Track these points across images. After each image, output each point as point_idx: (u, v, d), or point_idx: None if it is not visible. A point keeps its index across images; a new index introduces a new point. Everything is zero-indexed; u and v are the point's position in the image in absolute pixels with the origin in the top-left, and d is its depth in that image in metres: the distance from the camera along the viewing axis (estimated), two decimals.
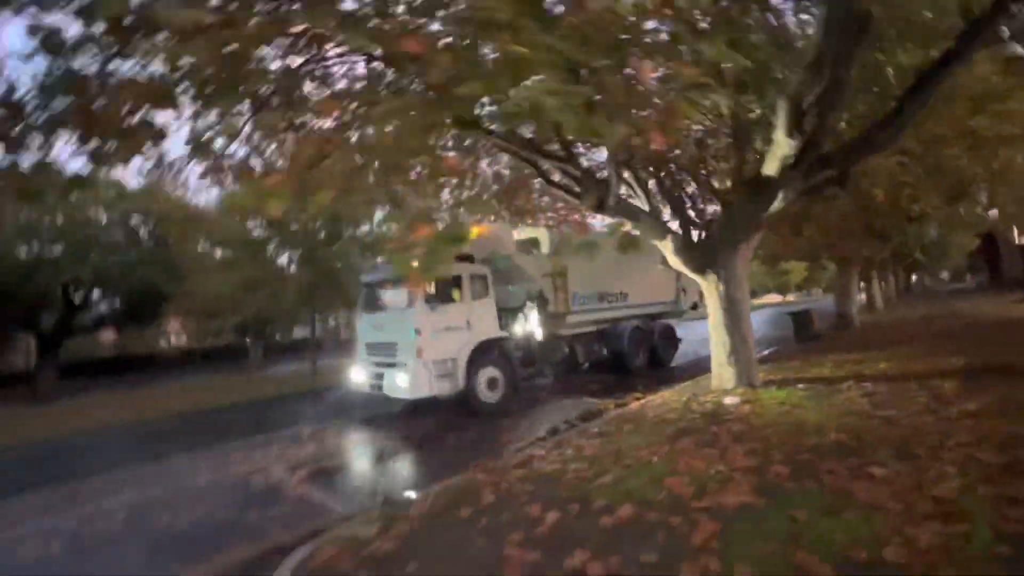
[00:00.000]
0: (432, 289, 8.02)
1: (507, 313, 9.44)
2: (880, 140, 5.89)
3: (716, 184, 9.20)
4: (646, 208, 8.07)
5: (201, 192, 22.07)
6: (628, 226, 7.18)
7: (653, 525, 3.24)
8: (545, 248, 10.40)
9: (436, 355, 7.86)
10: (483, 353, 8.39)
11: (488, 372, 8.41)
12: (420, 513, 3.86)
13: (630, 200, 7.92)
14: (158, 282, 19.12)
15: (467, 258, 9.14)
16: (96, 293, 21.62)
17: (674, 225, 8.45)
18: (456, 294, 8.52)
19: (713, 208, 9.76)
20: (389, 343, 8.40)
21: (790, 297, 51.56)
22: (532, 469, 4.67)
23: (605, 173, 6.86)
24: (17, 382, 21.91)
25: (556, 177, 7.48)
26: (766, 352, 11.07)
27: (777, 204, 6.46)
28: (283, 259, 17.83)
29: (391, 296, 8.97)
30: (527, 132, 6.01)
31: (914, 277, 37.96)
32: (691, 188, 9.78)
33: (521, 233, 10.81)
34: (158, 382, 20.37)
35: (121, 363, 26.70)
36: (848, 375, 7.35)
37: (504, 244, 9.98)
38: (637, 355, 11.18)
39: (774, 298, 48.95)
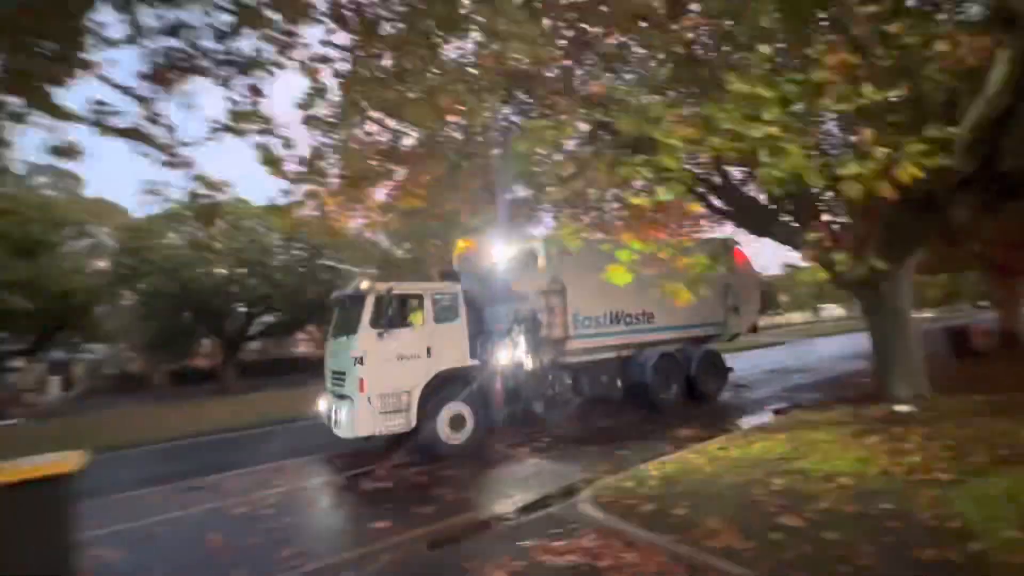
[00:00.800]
0: (374, 311, 6.91)
1: (489, 339, 8.13)
2: None
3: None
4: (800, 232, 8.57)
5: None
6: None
7: (875, 489, 3.99)
8: (542, 262, 8.57)
9: (383, 388, 6.76)
10: (446, 386, 7.25)
11: (452, 408, 7.22)
12: (660, 474, 4.91)
13: (791, 224, 8.43)
14: (311, 296, 22.65)
15: (450, 275, 8.41)
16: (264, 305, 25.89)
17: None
18: (417, 317, 7.37)
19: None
20: (340, 372, 7.34)
21: (926, 313, 46.19)
22: (738, 452, 5.53)
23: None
24: (205, 379, 26.93)
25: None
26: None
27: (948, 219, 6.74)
28: None
29: (346, 317, 7.60)
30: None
31: None
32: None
33: (516, 246, 9.13)
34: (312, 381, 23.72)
35: (280, 364, 31.26)
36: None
37: (493, 258, 8.82)
38: (667, 388, 9.31)
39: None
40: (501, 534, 4.27)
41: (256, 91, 4.69)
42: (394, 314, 7.07)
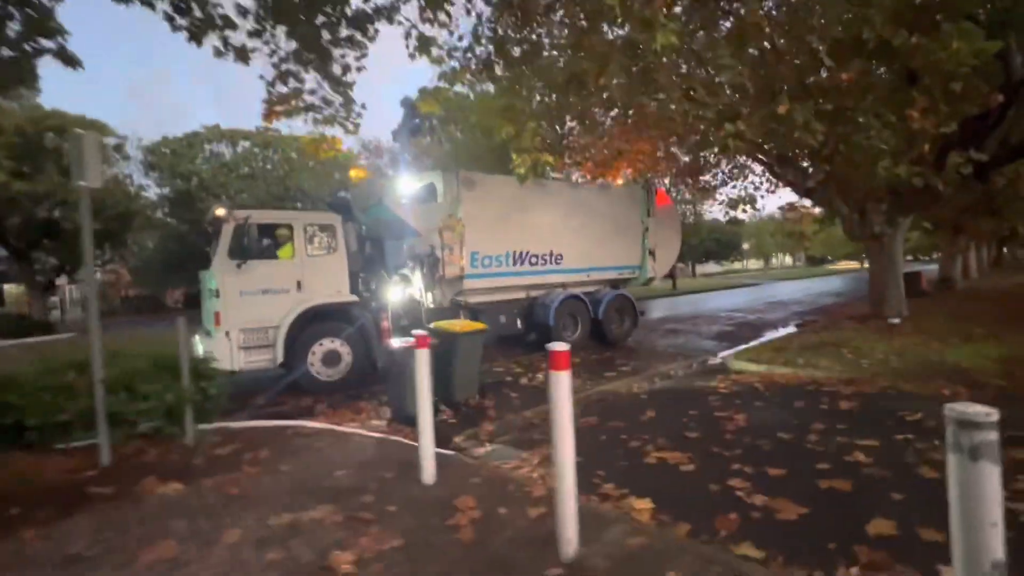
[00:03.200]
0: (232, 241, 6.47)
1: (375, 274, 7.99)
2: None
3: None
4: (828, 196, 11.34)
5: None
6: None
7: (902, 352, 6.99)
8: (441, 196, 8.39)
9: (244, 322, 6.48)
10: (319, 321, 7.02)
11: (326, 345, 7.03)
12: (776, 344, 7.83)
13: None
14: None
15: (339, 205, 8.07)
16: None
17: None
18: (286, 249, 6.96)
19: None
20: (204, 307, 7.17)
21: (866, 263, 52.45)
22: (802, 339, 8.51)
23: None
24: None
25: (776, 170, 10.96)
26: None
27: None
28: None
29: (210, 250, 7.13)
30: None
31: (1005, 250, 38.49)
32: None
33: (415, 180, 8.81)
34: None
35: None
36: (970, 313, 10.71)
37: (391, 191, 8.50)
38: (572, 331, 9.34)
39: (851, 264, 49.92)
40: (694, 375, 7.03)
41: None
42: (254, 244, 6.66)
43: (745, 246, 55.77)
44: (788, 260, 66.21)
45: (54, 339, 17.36)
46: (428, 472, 3.41)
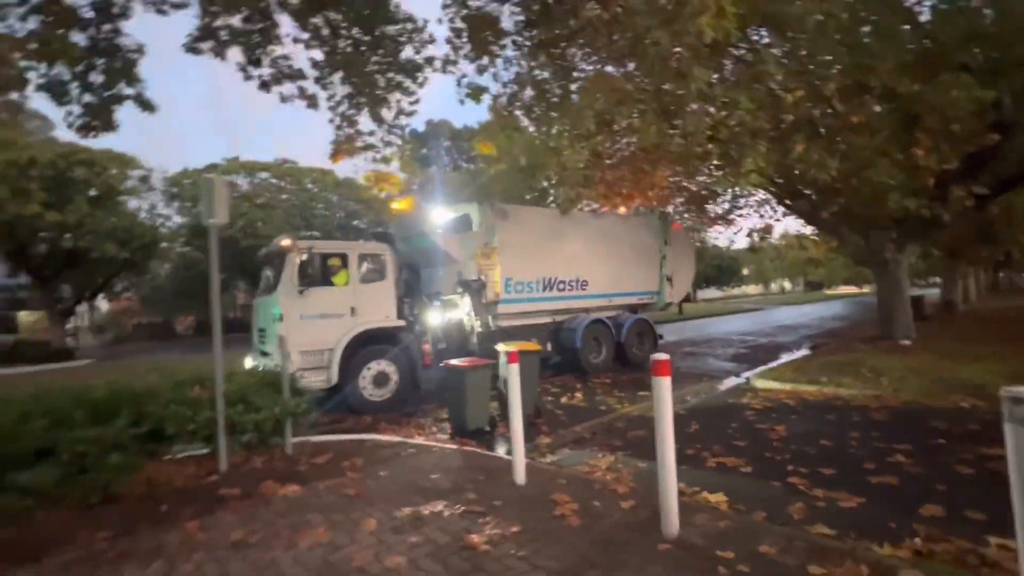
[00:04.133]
0: (298, 270, 7.03)
1: (419, 300, 8.56)
2: None
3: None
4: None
5: None
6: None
7: (920, 370, 7.47)
8: (476, 226, 8.92)
9: (304, 345, 6.86)
10: (370, 344, 7.47)
11: (377, 366, 7.45)
12: (795, 364, 8.29)
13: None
14: None
15: (385, 236, 8.60)
16: None
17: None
18: (341, 277, 7.49)
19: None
20: (263, 329, 7.58)
21: (865, 288, 53.28)
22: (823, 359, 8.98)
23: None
24: (232, 329, 28.77)
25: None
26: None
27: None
28: None
29: (270, 276, 7.76)
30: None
31: (1001, 274, 39.39)
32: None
33: (452, 211, 9.37)
34: None
35: None
36: (975, 335, 11.23)
37: (429, 222, 8.97)
38: (596, 353, 9.84)
39: (850, 289, 50.72)
40: (723, 393, 7.47)
41: None
42: (316, 272, 7.19)
43: (745, 272, 56.72)
44: (787, 285, 67.10)
45: (74, 365, 17.68)
46: (520, 473, 3.83)
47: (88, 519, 3.34)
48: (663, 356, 2.91)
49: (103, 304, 31.45)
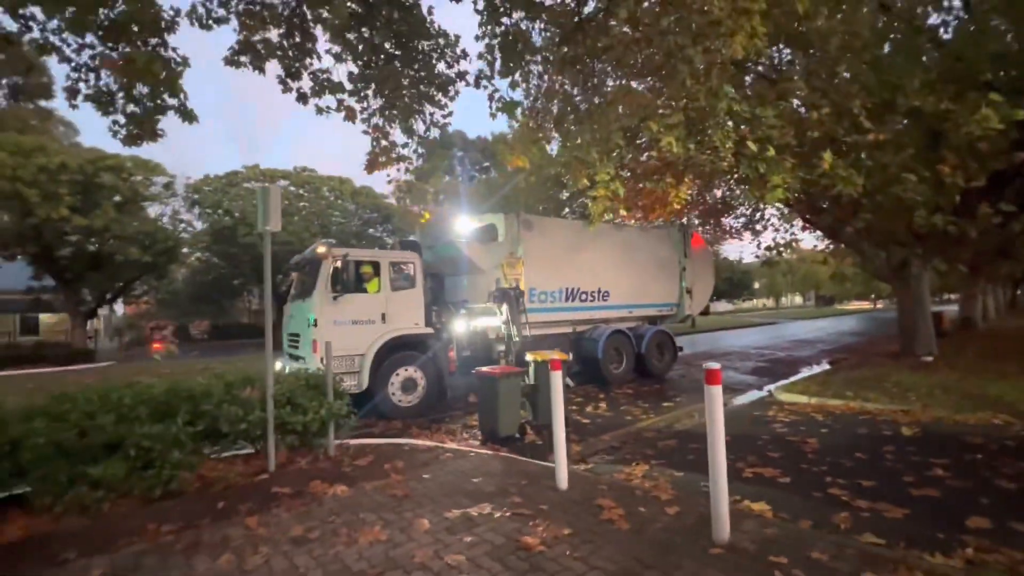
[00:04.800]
0: (333, 276, 7.22)
1: (446, 308, 8.73)
2: None
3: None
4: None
5: None
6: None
7: (947, 387, 7.45)
8: (502, 236, 9.01)
9: (336, 350, 6.65)
10: (400, 350, 7.63)
11: (405, 372, 7.61)
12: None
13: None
14: None
15: (412, 245, 8.78)
16: None
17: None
18: (373, 284, 7.65)
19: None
20: (295, 334, 7.76)
21: (879, 304, 52.79)
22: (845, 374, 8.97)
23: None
24: (245, 334, 28.99)
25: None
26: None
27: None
28: None
29: (304, 282, 7.98)
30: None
31: (1020, 291, 38.91)
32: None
33: (477, 221, 9.40)
34: None
35: None
36: (998, 352, 11.15)
37: (455, 232, 9.03)
38: (617, 364, 9.99)
39: (863, 304, 50.28)
40: (748, 406, 7.50)
41: None
42: (349, 279, 7.33)
43: (756, 285, 56.50)
44: (798, 300, 66.68)
45: (97, 367, 17.98)
46: (562, 479, 3.91)
47: (152, 512, 3.48)
48: (715, 365, 3.00)
49: (119, 308, 31.92)
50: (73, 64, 5.83)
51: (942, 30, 8.48)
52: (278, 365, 7.26)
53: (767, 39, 6.76)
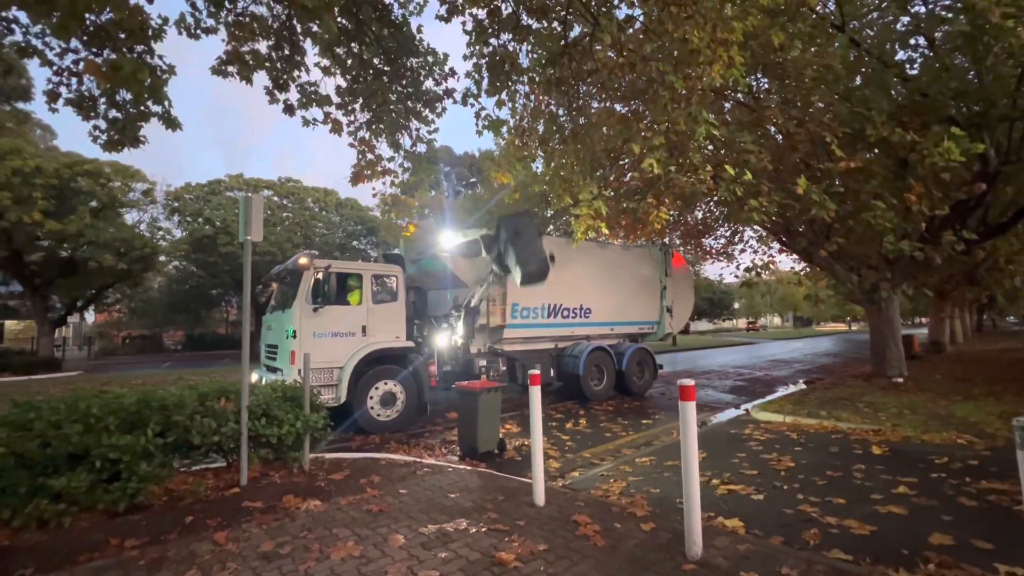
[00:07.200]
0: (314, 288, 7.16)
1: (427, 322, 8.78)
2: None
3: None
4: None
5: None
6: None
7: (916, 406, 7.66)
8: (486, 251, 8.85)
9: (314, 362, 6.53)
10: (380, 364, 7.55)
11: (385, 386, 7.51)
12: (793, 398, 8.44)
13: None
14: None
15: (396, 258, 8.69)
16: None
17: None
18: (355, 296, 7.65)
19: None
20: (273, 345, 7.66)
21: (854, 326, 54.10)
22: (820, 394, 9.16)
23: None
24: (219, 345, 28.47)
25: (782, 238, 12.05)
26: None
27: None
28: None
29: (284, 293, 7.88)
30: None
31: (984, 316, 40.36)
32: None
33: (462, 235, 9.30)
34: None
35: None
36: (965, 374, 11.51)
37: (440, 246, 9.03)
38: (598, 381, 10.02)
39: (839, 326, 51.50)
40: (725, 424, 7.59)
41: None
42: (331, 291, 7.31)
43: (735, 305, 57.49)
44: (777, 320, 67.96)
45: (63, 376, 17.35)
46: (539, 495, 3.91)
47: (116, 527, 3.37)
48: (689, 381, 3.06)
49: (90, 316, 30.99)
50: (55, 68, 5.77)
51: (908, 66, 8.91)
52: (254, 377, 7.31)
53: (745, 68, 7.07)
